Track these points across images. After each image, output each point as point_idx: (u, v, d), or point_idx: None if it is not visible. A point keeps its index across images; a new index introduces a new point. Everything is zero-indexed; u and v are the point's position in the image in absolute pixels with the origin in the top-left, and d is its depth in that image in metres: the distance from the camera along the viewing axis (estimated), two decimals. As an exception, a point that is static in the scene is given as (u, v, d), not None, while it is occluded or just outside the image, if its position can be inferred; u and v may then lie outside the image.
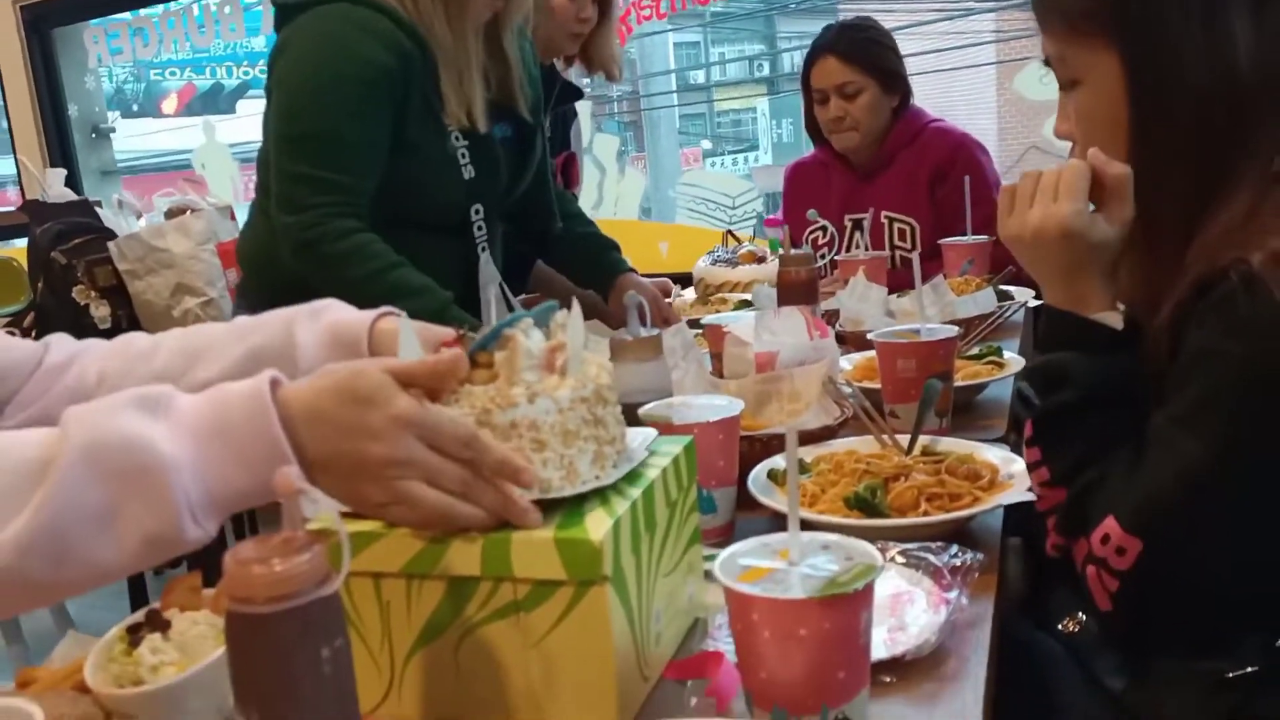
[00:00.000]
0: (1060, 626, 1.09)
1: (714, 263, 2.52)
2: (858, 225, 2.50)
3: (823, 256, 2.49)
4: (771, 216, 2.37)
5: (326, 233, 1.69)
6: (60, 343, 1.08)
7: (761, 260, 2.46)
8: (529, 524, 0.78)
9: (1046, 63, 1.06)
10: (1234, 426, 0.86)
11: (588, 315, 0.96)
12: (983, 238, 2.15)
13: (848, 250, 2.48)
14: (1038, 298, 1.53)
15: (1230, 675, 0.91)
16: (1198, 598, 0.91)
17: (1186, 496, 0.87)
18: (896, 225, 2.46)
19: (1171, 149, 0.97)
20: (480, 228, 1.89)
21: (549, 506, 0.80)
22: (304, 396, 0.77)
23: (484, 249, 1.92)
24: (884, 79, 2.40)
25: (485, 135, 1.83)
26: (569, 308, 0.87)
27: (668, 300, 2.23)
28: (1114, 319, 0.99)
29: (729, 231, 2.58)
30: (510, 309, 2.05)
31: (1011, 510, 1.12)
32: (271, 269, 1.87)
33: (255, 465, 0.74)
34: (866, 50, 2.40)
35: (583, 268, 2.21)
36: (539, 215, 2.11)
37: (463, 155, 1.81)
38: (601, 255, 2.19)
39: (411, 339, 0.84)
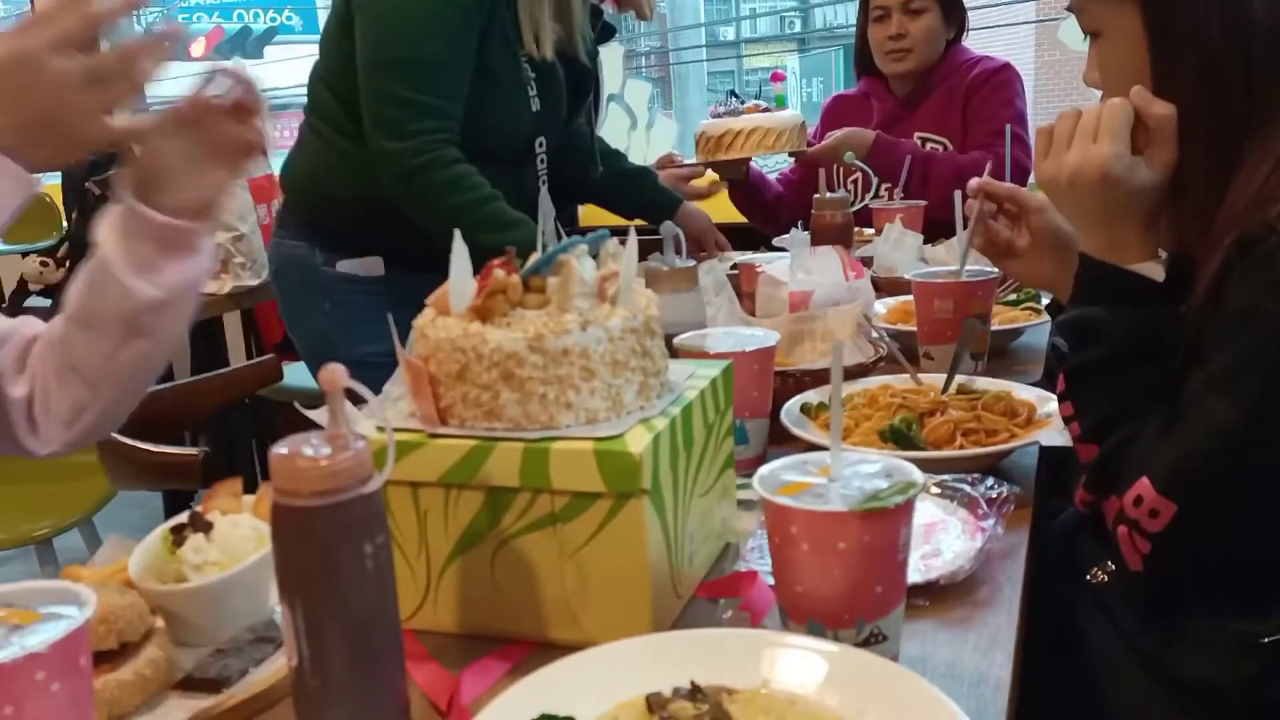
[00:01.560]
0: (1089, 576, 1.08)
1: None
2: None
3: (860, 201, 2.46)
4: (778, 70, 2.30)
5: (433, 160, 1.72)
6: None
7: (767, 110, 2.33)
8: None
9: (1071, 10, 1.04)
10: (1272, 388, 0.84)
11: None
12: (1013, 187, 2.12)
13: (877, 184, 2.46)
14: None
15: (1265, 640, 0.90)
16: (1230, 561, 0.90)
17: (1222, 460, 0.86)
18: (930, 145, 2.44)
19: (1191, 100, 0.93)
20: (543, 160, 1.93)
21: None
22: None
23: (544, 182, 1.95)
24: (947, 5, 2.38)
25: (552, 68, 1.86)
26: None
27: None
28: (1154, 269, 0.96)
29: (731, 91, 2.47)
30: (559, 226, 2.08)
31: (1046, 460, 1.11)
32: (320, 194, 1.88)
33: None
34: None
35: (637, 204, 2.24)
36: (579, 159, 2.12)
37: (531, 86, 1.84)
38: (656, 192, 2.23)
39: (465, 261, 0.83)
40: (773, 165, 3.24)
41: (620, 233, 0.87)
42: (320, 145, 1.88)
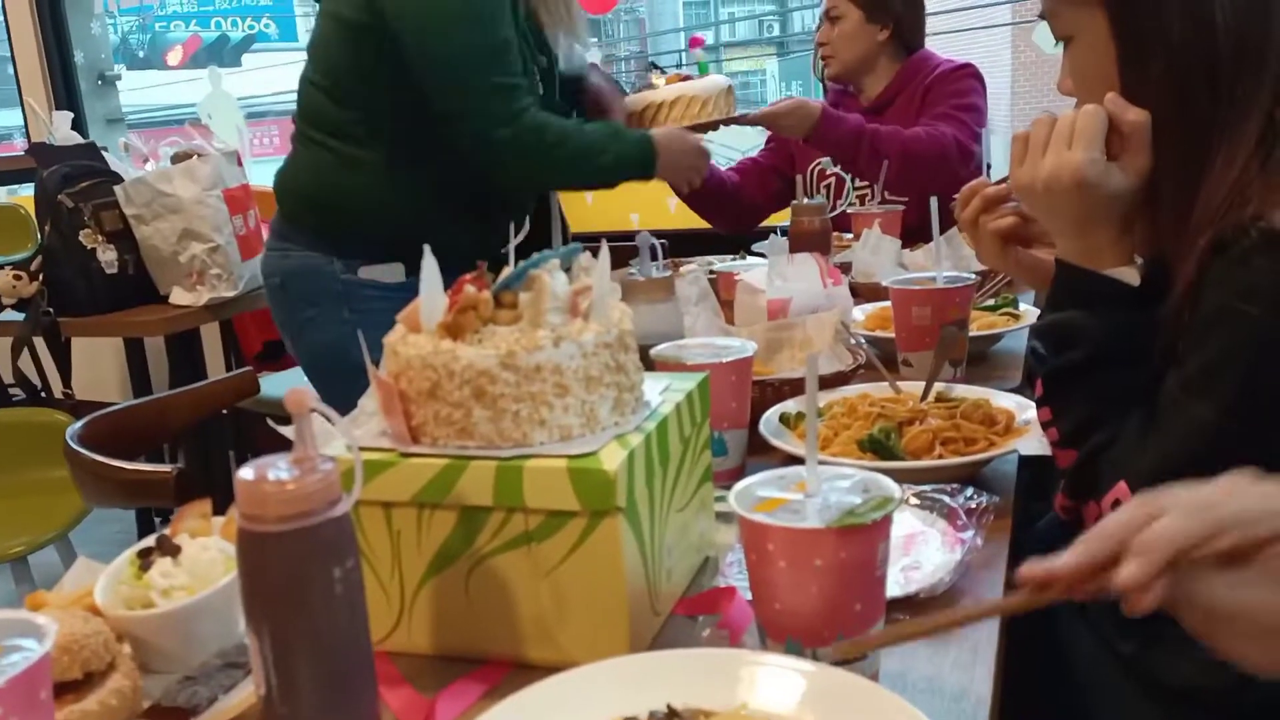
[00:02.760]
0: None
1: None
2: None
3: (843, 205, 2.46)
4: (696, 35, 2.27)
5: (538, 127, 1.80)
6: None
7: (688, 80, 2.24)
8: None
9: (1043, 17, 1.03)
10: (1248, 391, 0.84)
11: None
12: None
13: (852, 186, 2.46)
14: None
15: None
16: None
17: (1199, 463, 0.85)
18: None
19: (1160, 104, 0.93)
20: None
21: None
22: None
23: None
24: (867, 6, 2.39)
25: (549, 70, 1.91)
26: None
27: None
28: (1129, 274, 0.96)
29: (651, 63, 2.48)
30: (565, 224, 2.09)
31: (1025, 464, 1.10)
32: (330, 203, 1.88)
33: None
34: None
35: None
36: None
37: (535, 72, 1.89)
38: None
39: (435, 277, 0.82)
40: (749, 147, 3.23)
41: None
42: (321, 153, 1.86)
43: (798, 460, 0.77)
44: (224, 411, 2.26)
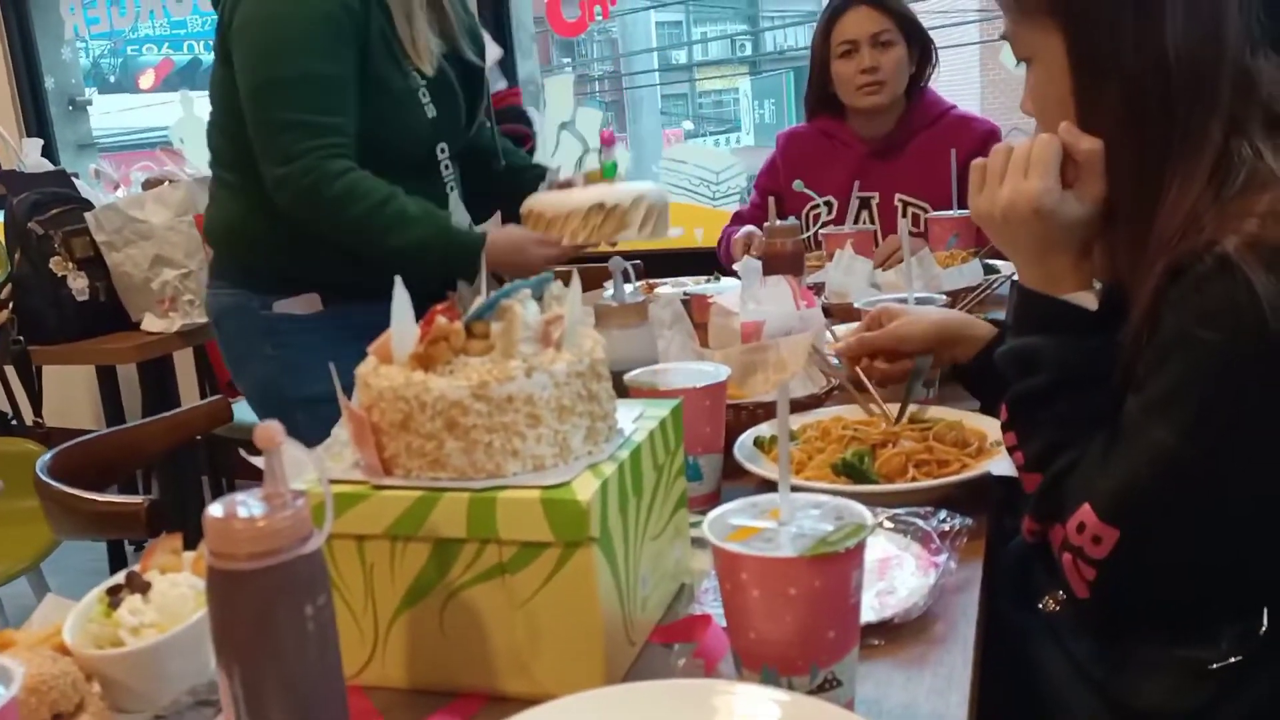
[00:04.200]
0: (1041, 605, 1.09)
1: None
2: (865, 204, 2.41)
3: (815, 232, 2.44)
4: (606, 130, 2.03)
5: (323, 176, 1.69)
6: None
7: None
8: None
9: (1004, 37, 1.05)
10: (1207, 414, 0.84)
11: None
12: (967, 212, 2.13)
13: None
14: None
15: (1213, 666, 0.90)
16: (1175, 586, 0.90)
17: (1161, 485, 0.86)
18: (911, 209, 2.38)
19: (1115, 130, 0.94)
20: (447, 167, 1.92)
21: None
22: None
23: (452, 189, 1.94)
24: (911, 37, 2.33)
25: (444, 75, 1.84)
26: None
27: None
28: (1088, 299, 0.97)
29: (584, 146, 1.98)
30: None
31: (999, 480, 1.11)
32: (243, 241, 1.86)
33: None
34: (899, 5, 2.34)
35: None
36: (483, 156, 2.09)
37: (424, 94, 1.83)
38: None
39: (406, 308, 0.82)
40: (723, 167, 3.19)
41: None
42: (229, 195, 1.86)
43: (773, 484, 0.77)
44: (198, 438, 2.25)
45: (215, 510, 0.62)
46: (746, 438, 1.21)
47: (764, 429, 1.23)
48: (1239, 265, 0.81)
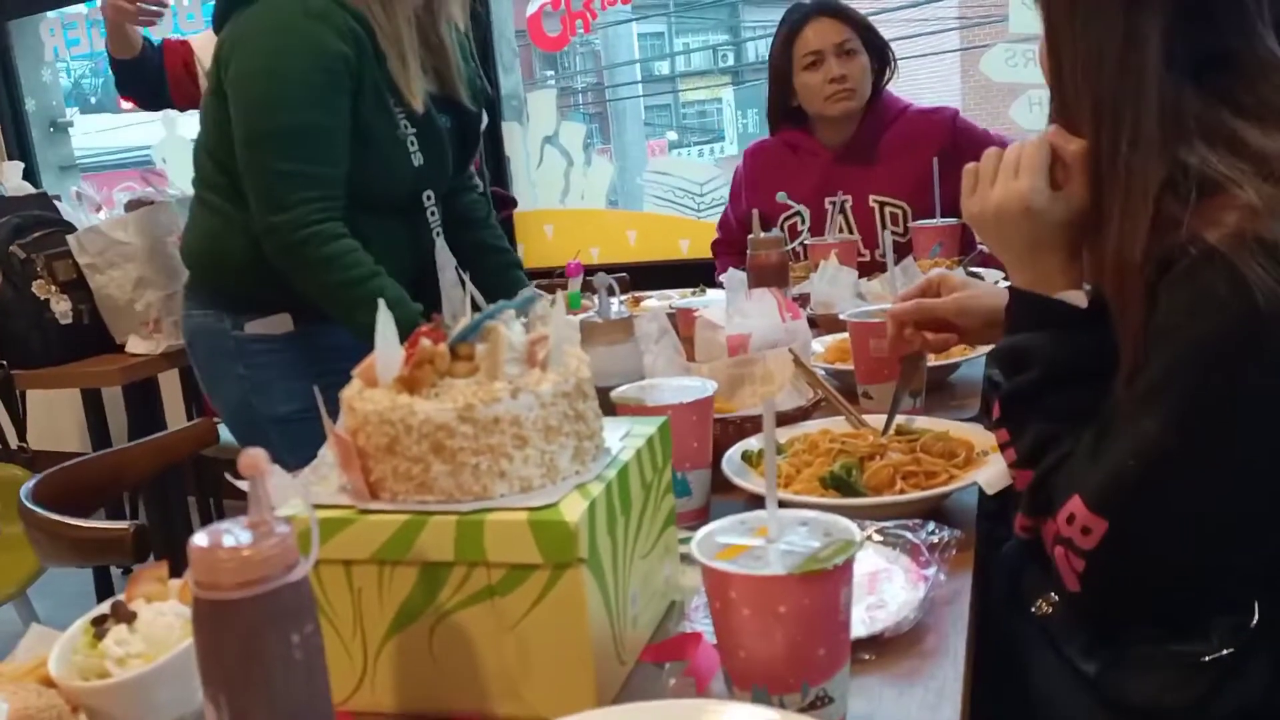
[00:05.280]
0: (1034, 609, 1.09)
1: None
2: (839, 208, 2.44)
3: (800, 244, 2.45)
4: (574, 263, 2.03)
5: (314, 234, 1.70)
6: None
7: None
8: None
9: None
10: (1195, 404, 0.85)
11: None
12: (952, 220, 2.15)
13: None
14: (1007, 280, 1.53)
15: (1205, 659, 0.90)
16: (1165, 578, 0.90)
17: (1147, 475, 0.86)
18: (889, 210, 2.41)
19: (1079, 120, 0.96)
20: (433, 213, 1.92)
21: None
22: None
23: (438, 233, 1.94)
24: (870, 45, 2.38)
25: (432, 123, 1.84)
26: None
27: None
28: (1078, 297, 0.98)
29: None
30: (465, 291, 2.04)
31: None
32: (218, 263, 1.86)
33: None
34: (858, 15, 2.39)
35: (481, 278, 2.17)
36: (468, 221, 2.11)
37: (411, 142, 1.83)
38: (503, 271, 2.14)
39: (391, 332, 0.82)
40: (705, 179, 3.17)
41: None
42: (210, 215, 1.86)
43: (762, 499, 0.77)
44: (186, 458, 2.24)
45: (200, 540, 0.62)
46: (734, 452, 1.20)
47: (752, 443, 1.23)
48: (1226, 255, 0.82)
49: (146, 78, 2.54)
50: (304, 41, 1.70)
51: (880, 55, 2.42)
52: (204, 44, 2.56)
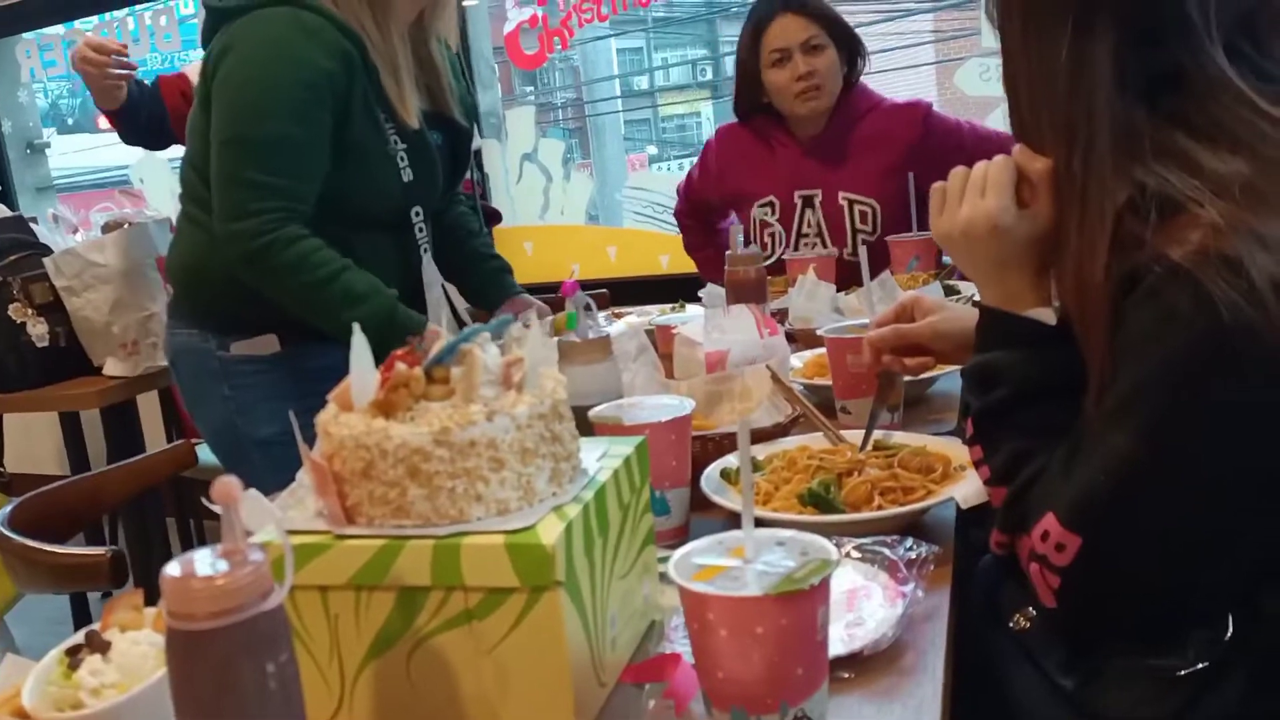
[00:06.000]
0: (1011, 624, 1.09)
1: None
2: (809, 203, 2.41)
3: (770, 241, 2.43)
4: (570, 282, 2.09)
5: (275, 240, 1.69)
6: None
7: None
8: None
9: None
10: (1161, 420, 0.85)
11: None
12: (928, 233, 2.15)
13: (799, 235, 2.42)
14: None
15: (1181, 673, 0.91)
16: (1140, 593, 0.91)
17: (1119, 491, 0.87)
18: (858, 208, 2.38)
19: (1037, 140, 0.97)
20: (421, 229, 1.92)
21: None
22: None
23: (425, 250, 1.93)
24: (839, 39, 2.34)
25: (422, 140, 1.84)
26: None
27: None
28: (1047, 314, 0.99)
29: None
30: (454, 309, 2.05)
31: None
32: (204, 281, 1.85)
33: None
34: (824, 8, 2.34)
35: (475, 285, 2.18)
36: (456, 230, 2.12)
37: (401, 158, 1.82)
38: (496, 276, 2.16)
39: (366, 355, 0.81)
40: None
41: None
42: (196, 231, 1.85)
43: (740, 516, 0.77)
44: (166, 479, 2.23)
45: (173, 569, 0.62)
46: (713, 470, 1.21)
47: (731, 460, 1.23)
48: (1190, 272, 0.82)
49: (138, 124, 2.50)
50: (292, 55, 1.70)
51: (850, 47, 2.38)
52: (198, 72, 2.55)
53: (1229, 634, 0.90)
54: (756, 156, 2.45)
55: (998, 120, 2.81)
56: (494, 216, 2.92)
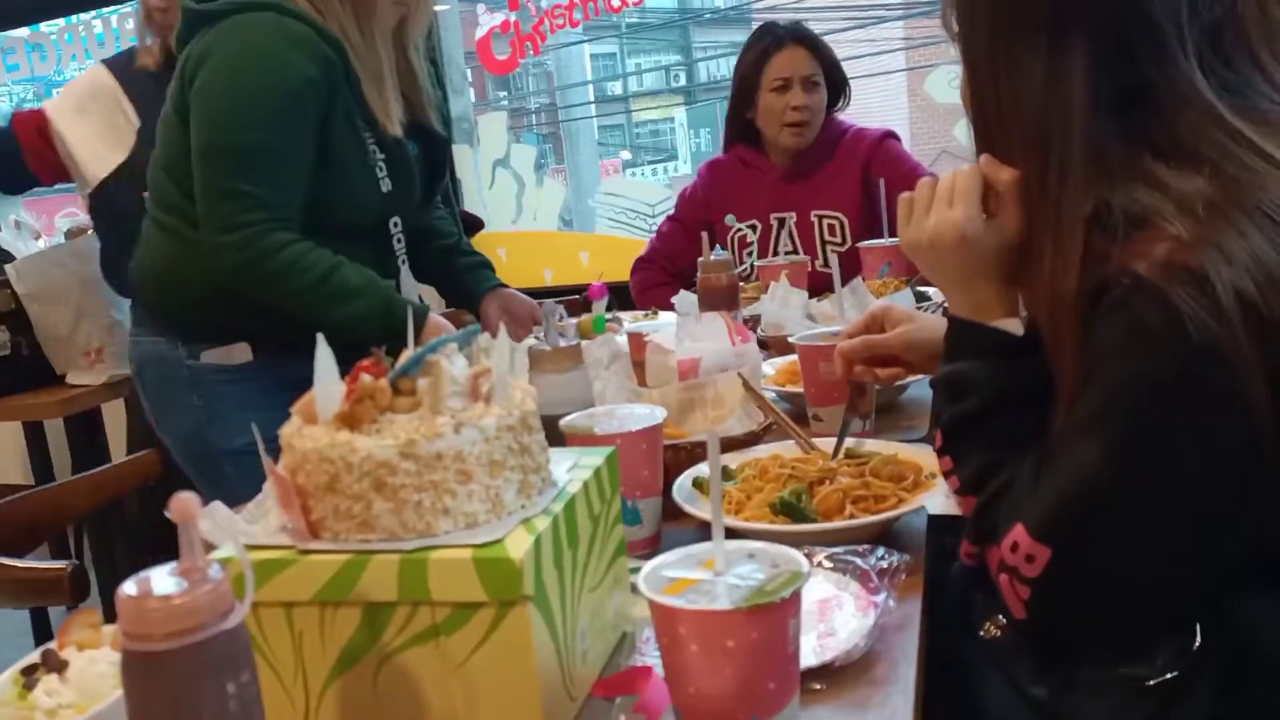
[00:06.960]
0: (982, 632, 1.09)
1: None
2: (783, 224, 2.57)
3: (749, 257, 2.53)
4: (597, 284, 1.97)
5: (262, 250, 1.68)
6: None
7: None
8: None
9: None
10: (1132, 432, 0.85)
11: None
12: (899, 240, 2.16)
13: (774, 251, 2.55)
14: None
15: (1151, 683, 0.90)
16: (1110, 603, 0.91)
17: (1088, 503, 0.87)
18: (826, 221, 2.53)
19: (1006, 155, 0.97)
20: (399, 240, 1.90)
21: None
22: None
23: (403, 262, 1.91)
24: (832, 81, 2.53)
25: (401, 149, 1.83)
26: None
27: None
28: (1015, 325, 0.99)
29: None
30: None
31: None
32: (176, 288, 1.82)
33: None
34: (828, 50, 2.53)
35: (455, 285, 2.17)
36: (436, 233, 2.12)
37: (380, 168, 1.81)
38: (473, 270, 2.15)
39: (330, 366, 0.80)
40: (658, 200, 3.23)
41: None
42: (166, 238, 1.81)
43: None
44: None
45: (128, 588, 0.60)
46: (685, 479, 1.20)
47: (703, 469, 1.22)
48: (1157, 285, 0.82)
49: None
50: (274, 64, 1.68)
51: (836, 90, 2.56)
52: (59, 110, 2.50)
53: (1197, 643, 0.90)
54: (740, 184, 2.61)
55: (964, 130, 2.84)
56: (475, 224, 2.91)
